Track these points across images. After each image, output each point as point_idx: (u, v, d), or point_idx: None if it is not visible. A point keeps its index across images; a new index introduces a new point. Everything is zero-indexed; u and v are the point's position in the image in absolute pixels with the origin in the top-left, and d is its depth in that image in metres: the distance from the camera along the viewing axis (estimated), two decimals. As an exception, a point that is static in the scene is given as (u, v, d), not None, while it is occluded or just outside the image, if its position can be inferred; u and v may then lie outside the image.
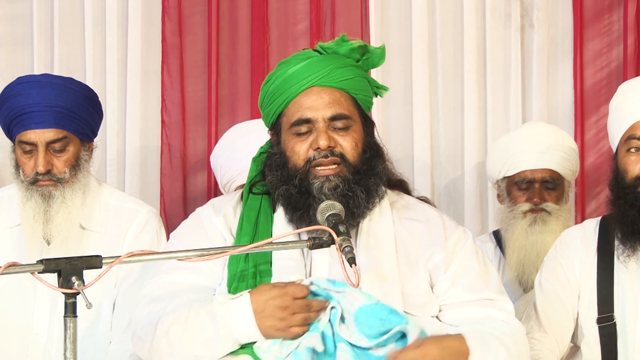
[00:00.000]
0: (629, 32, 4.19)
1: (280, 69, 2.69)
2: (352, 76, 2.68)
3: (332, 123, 2.63)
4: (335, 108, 2.63)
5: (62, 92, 3.11)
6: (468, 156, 4.22)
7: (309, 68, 2.64)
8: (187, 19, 4.31)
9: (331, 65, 2.65)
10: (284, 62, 2.71)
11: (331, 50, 2.69)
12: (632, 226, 2.94)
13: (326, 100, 2.63)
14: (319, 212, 2.48)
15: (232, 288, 2.59)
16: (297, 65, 2.65)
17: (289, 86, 2.65)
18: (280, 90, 2.67)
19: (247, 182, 2.78)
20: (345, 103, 2.66)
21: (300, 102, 2.64)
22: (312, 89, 2.64)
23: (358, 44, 2.70)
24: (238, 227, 2.68)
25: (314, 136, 2.62)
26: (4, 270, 2.18)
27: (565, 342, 3.08)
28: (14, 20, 4.35)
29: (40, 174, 3.08)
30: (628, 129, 2.98)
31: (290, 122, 2.65)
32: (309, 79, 2.64)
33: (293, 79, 2.65)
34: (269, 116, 2.74)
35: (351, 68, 2.68)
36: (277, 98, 2.68)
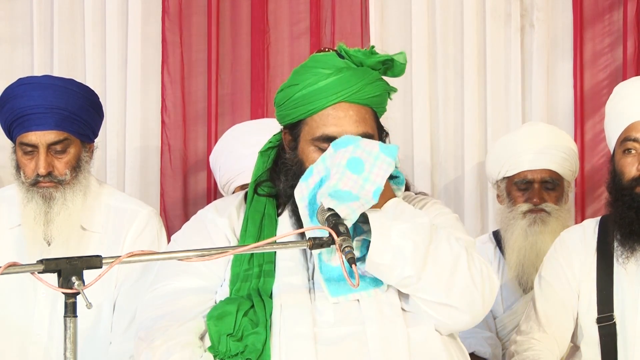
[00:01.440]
0: (629, 32, 4.19)
1: (310, 78, 2.63)
2: (379, 93, 2.67)
3: None
4: (362, 127, 2.61)
5: (63, 93, 3.10)
6: (468, 156, 4.22)
7: (340, 83, 2.61)
8: (187, 19, 4.31)
9: (362, 81, 2.62)
10: (313, 70, 2.65)
11: (357, 60, 2.65)
12: (630, 227, 2.94)
13: (353, 118, 2.61)
14: (319, 212, 2.48)
15: (234, 288, 2.60)
16: (328, 78, 2.61)
17: (317, 98, 2.61)
18: (307, 100, 2.63)
19: (252, 179, 2.76)
20: (369, 120, 2.65)
21: (327, 117, 2.61)
22: (341, 104, 2.61)
23: (385, 57, 2.67)
24: (242, 229, 2.67)
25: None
26: (4, 270, 2.18)
27: (565, 342, 3.08)
28: (13, 20, 4.34)
29: (41, 175, 3.09)
30: (624, 131, 2.98)
31: (314, 135, 2.62)
32: (339, 94, 2.61)
33: (323, 92, 2.61)
34: (286, 118, 2.70)
35: (378, 84, 2.67)
36: (302, 106, 2.64)
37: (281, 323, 2.52)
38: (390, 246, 2.46)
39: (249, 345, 2.49)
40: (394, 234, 2.47)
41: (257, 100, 4.24)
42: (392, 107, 4.21)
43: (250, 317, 2.53)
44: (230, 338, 2.51)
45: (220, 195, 4.00)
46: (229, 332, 2.52)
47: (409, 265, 2.47)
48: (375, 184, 2.50)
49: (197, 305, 2.62)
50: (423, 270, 2.48)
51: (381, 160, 2.53)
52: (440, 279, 2.49)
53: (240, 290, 2.58)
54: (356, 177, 2.50)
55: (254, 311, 2.54)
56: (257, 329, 2.51)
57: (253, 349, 2.48)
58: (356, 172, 2.50)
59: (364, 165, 2.51)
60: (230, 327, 2.52)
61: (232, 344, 2.50)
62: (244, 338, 2.51)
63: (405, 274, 2.48)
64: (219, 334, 2.52)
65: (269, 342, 2.50)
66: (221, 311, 2.55)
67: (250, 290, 2.58)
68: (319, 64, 2.66)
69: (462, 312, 2.53)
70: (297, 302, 2.55)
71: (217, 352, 2.51)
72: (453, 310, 2.52)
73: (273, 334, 2.51)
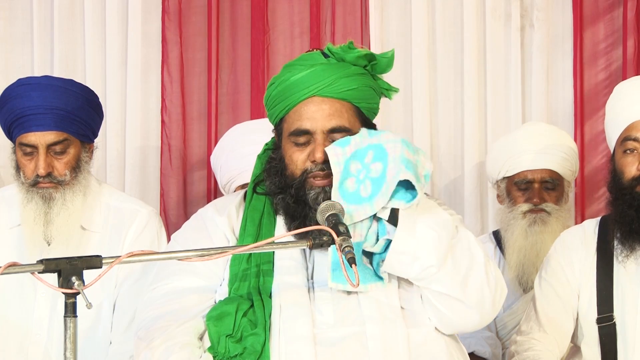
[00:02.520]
0: (629, 32, 4.19)
1: (285, 74, 2.66)
2: (356, 86, 2.65)
3: (331, 135, 2.61)
4: (335, 120, 2.61)
5: (62, 94, 3.10)
6: (468, 156, 4.22)
7: (311, 77, 2.62)
8: (187, 18, 4.31)
9: (335, 75, 2.62)
10: (289, 67, 2.68)
11: (338, 56, 2.66)
12: (630, 226, 2.94)
13: (326, 111, 2.61)
14: (319, 212, 2.48)
15: (233, 288, 2.59)
16: (300, 72, 2.63)
17: (290, 94, 2.64)
18: (282, 96, 2.65)
19: (251, 179, 2.78)
20: (346, 114, 2.64)
21: (300, 112, 2.63)
22: (313, 98, 2.62)
23: (364, 52, 2.66)
24: (241, 228, 2.68)
25: (312, 148, 2.61)
26: (4, 270, 2.18)
27: (565, 342, 3.08)
28: (13, 19, 4.34)
29: (40, 176, 3.08)
30: (624, 130, 2.98)
31: (290, 131, 2.64)
32: (310, 88, 2.62)
33: (295, 87, 2.63)
34: (273, 117, 2.74)
35: (356, 77, 2.65)
36: (279, 103, 2.67)
37: (280, 324, 2.52)
38: (415, 236, 2.48)
39: (248, 347, 2.49)
40: (419, 225, 2.49)
41: (257, 100, 4.24)
42: (392, 107, 4.26)
43: (249, 318, 2.53)
44: (230, 339, 2.51)
45: (221, 194, 4.00)
46: (228, 333, 2.52)
47: (433, 255, 2.48)
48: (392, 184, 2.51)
49: (197, 304, 2.61)
50: (444, 262, 2.50)
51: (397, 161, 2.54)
52: (458, 273, 2.51)
53: (239, 290, 2.58)
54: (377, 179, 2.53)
55: (253, 311, 2.54)
56: (257, 329, 2.50)
57: (252, 350, 2.48)
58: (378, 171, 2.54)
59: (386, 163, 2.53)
60: (230, 328, 2.52)
61: (231, 345, 2.50)
62: (243, 339, 2.51)
63: (427, 264, 2.49)
64: (218, 334, 2.52)
65: (269, 344, 2.49)
66: (220, 311, 2.55)
67: (249, 289, 2.58)
68: (298, 62, 2.68)
69: (472, 310, 2.55)
70: (296, 302, 2.55)
71: (217, 353, 2.51)
72: (464, 307, 2.54)
73: (272, 335, 2.51)
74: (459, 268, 2.52)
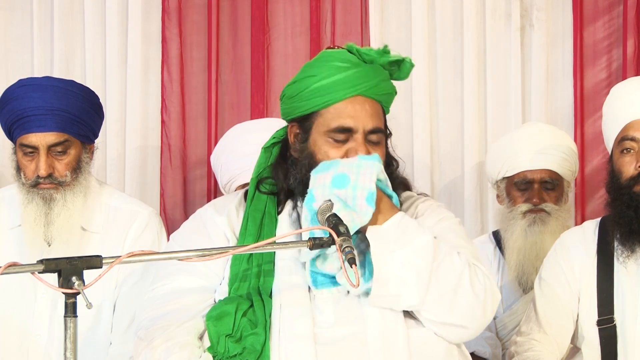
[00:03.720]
0: (629, 32, 4.19)
1: (328, 71, 2.63)
2: (391, 91, 2.70)
3: (369, 136, 2.62)
4: (375, 121, 2.63)
5: (63, 95, 3.10)
6: (468, 156, 4.22)
7: (359, 77, 2.62)
8: (187, 18, 4.31)
9: (378, 77, 2.65)
10: (329, 64, 2.65)
11: (369, 58, 2.66)
12: (629, 226, 2.94)
13: (369, 111, 2.62)
14: (319, 212, 2.48)
15: (233, 288, 2.59)
16: (347, 70, 2.62)
17: (335, 90, 2.62)
18: (325, 91, 2.62)
19: (254, 175, 2.75)
20: (382, 116, 2.68)
21: (343, 109, 2.62)
22: (357, 97, 2.62)
23: (397, 57, 2.69)
24: (242, 228, 2.67)
25: (351, 146, 2.60)
26: (4, 270, 2.18)
27: (565, 343, 3.08)
28: (13, 19, 4.34)
29: (41, 177, 3.08)
30: (621, 130, 2.99)
31: (329, 127, 2.61)
32: (357, 87, 2.62)
33: (342, 83, 2.61)
34: (297, 110, 2.68)
35: (389, 83, 2.70)
36: (319, 97, 2.63)
37: (280, 323, 2.52)
38: (393, 277, 2.48)
39: (247, 347, 2.48)
40: (396, 263, 2.48)
41: (257, 99, 4.24)
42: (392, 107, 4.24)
43: (249, 317, 2.53)
44: (229, 339, 2.51)
45: (221, 194, 4.00)
46: (228, 333, 2.52)
47: (413, 294, 2.48)
48: (365, 189, 2.50)
49: (196, 304, 2.61)
50: (426, 293, 2.49)
51: (364, 167, 2.54)
52: (443, 300, 2.51)
53: (239, 290, 2.58)
54: (344, 190, 2.50)
55: (253, 311, 2.54)
56: (256, 329, 2.50)
57: (252, 350, 2.48)
58: (342, 186, 2.51)
59: (348, 177, 2.52)
60: (229, 328, 2.52)
61: (230, 345, 2.50)
62: (242, 339, 2.51)
63: (410, 303, 2.50)
64: (218, 334, 2.52)
65: (269, 343, 2.49)
66: (220, 311, 2.55)
67: (249, 289, 2.58)
68: (334, 59, 2.67)
69: (465, 329, 2.56)
70: (296, 302, 2.55)
71: (216, 352, 2.51)
72: (456, 328, 2.54)
73: (272, 334, 2.51)
74: (444, 294, 2.50)
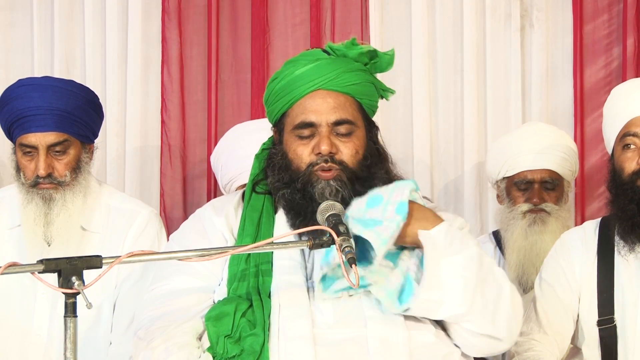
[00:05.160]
0: (628, 31, 4.19)
1: (288, 69, 2.68)
2: (359, 81, 2.67)
3: (335, 128, 2.62)
4: (339, 113, 2.63)
5: (63, 95, 3.10)
6: (468, 156, 4.22)
7: (316, 70, 2.63)
8: (187, 19, 4.31)
9: (339, 69, 2.64)
10: (292, 62, 2.70)
11: (340, 53, 2.68)
12: (631, 220, 2.94)
13: (331, 104, 2.63)
14: (319, 212, 2.48)
15: (232, 288, 2.59)
16: (305, 66, 2.64)
17: (295, 87, 2.65)
18: (286, 90, 2.66)
19: (249, 179, 2.77)
20: (349, 108, 2.65)
21: (305, 105, 2.64)
22: (318, 92, 2.64)
23: (367, 48, 2.69)
24: (240, 228, 2.68)
25: (316, 140, 2.62)
26: (4, 270, 2.18)
27: (565, 343, 3.08)
28: (13, 20, 4.34)
29: (41, 177, 3.08)
30: (623, 127, 2.99)
31: (294, 124, 2.64)
32: (315, 81, 2.63)
33: (300, 80, 2.64)
34: (273, 114, 2.74)
35: (359, 73, 2.68)
36: (282, 97, 2.67)
37: (280, 324, 2.51)
38: (440, 283, 2.47)
39: (247, 348, 2.48)
40: (444, 270, 2.47)
41: (257, 99, 4.24)
42: (392, 107, 4.26)
43: (248, 318, 2.53)
44: (228, 339, 2.51)
45: (221, 194, 4.00)
46: (227, 334, 2.52)
47: (458, 303, 2.48)
48: (396, 203, 2.50)
49: (195, 305, 2.61)
50: (472, 303, 2.49)
51: (398, 186, 2.55)
52: (487, 311, 2.51)
53: (238, 290, 2.58)
54: (376, 208, 2.51)
55: (252, 311, 2.54)
56: (255, 330, 2.50)
57: (251, 351, 2.47)
58: (376, 204, 2.52)
59: (382, 197, 2.53)
60: (228, 328, 2.52)
61: (229, 346, 2.50)
62: (241, 339, 2.51)
63: (452, 312, 2.49)
64: (217, 335, 2.52)
65: (268, 344, 2.49)
66: (219, 311, 2.55)
67: (248, 289, 2.58)
68: (301, 57, 2.70)
69: (501, 342, 2.56)
70: (295, 302, 2.55)
71: (215, 353, 2.51)
72: (495, 341, 2.55)
73: (272, 335, 2.50)
74: (487, 306, 2.50)
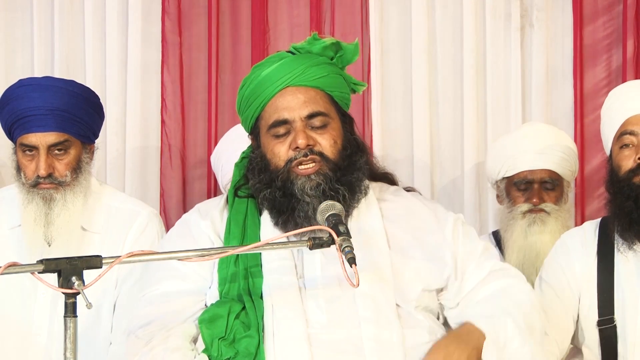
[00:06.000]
0: (628, 31, 4.19)
1: (254, 73, 2.69)
2: (326, 74, 2.68)
3: (309, 122, 2.63)
4: (311, 106, 2.64)
5: (63, 95, 3.10)
6: (468, 156, 4.22)
7: (282, 69, 2.65)
8: (187, 18, 4.31)
9: (304, 64, 2.65)
10: (258, 66, 2.72)
11: (304, 50, 2.69)
12: (629, 216, 2.95)
13: (301, 99, 2.64)
14: (319, 212, 2.48)
15: (223, 291, 2.59)
16: (270, 67, 2.66)
17: (264, 89, 2.66)
18: (255, 94, 2.67)
19: (231, 186, 2.79)
20: (321, 101, 2.66)
21: (277, 104, 2.65)
22: (287, 89, 2.65)
23: (330, 41, 2.71)
24: (226, 231, 2.68)
25: (292, 136, 2.62)
26: (4, 270, 2.19)
27: (565, 343, 3.08)
28: (14, 20, 4.35)
29: (41, 177, 3.08)
30: (620, 127, 3.01)
31: (268, 124, 2.65)
32: (282, 79, 2.64)
33: (267, 81, 2.65)
34: (247, 121, 2.75)
35: (324, 66, 2.68)
36: (253, 102, 2.68)
37: (274, 325, 2.51)
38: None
39: (241, 350, 2.48)
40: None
41: (257, 100, 4.24)
42: (392, 107, 4.26)
43: (242, 320, 2.53)
44: (222, 342, 2.51)
45: (221, 194, 4.00)
46: (221, 336, 2.51)
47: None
48: None
49: (186, 308, 2.62)
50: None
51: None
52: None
53: (229, 293, 2.58)
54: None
55: (246, 313, 2.54)
56: (250, 332, 2.50)
57: (246, 353, 2.47)
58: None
59: None
60: (222, 331, 2.52)
61: (224, 348, 2.50)
62: (236, 341, 2.51)
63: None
64: (211, 337, 2.52)
65: (263, 346, 2.49)
66: (212, 314, 2.55)
67: (239, 291, 2.58)
68: (266, 60, 2.72)
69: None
70: (288, 302, 2.55)
71: (210, 355, 2.51)
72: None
73: (266, 336, 2.50)
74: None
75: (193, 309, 2.61)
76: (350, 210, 2.65)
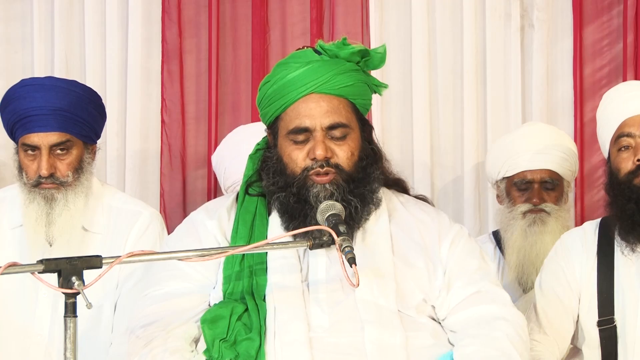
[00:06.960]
0: (628, 31, 4.19)
1: (280, 72, 2.66)
2: (352, 82, 2.66)
3: (329, 132, 2.61)
4: (333, 117, 2.61)
5: (65, 95, 3.10)
6: (468, 156, 4.22)
7: (309, 74, 2.62)
8: (187, 19, 4.31)
9: (331, 71, 2.62)
10: (284, 64, 2.68)
11: (331, 53, 2.65)
12: (631, 219, 2.94)
13: (325, 108, 2.61)
14: (319, 212, 2.48)
15: (227, 291, 2.59)
16: (297, 70, 2.62)
17: (287, 91, 2.63)
18: (279, 94, 2.64)
19: (243, 181, 2.77)
20: (343, 111, 2.64)
21: (299, 109, 2.62)
22: (311, 95, 2.62)
23: (359, 48, 2.67)
24: (233, 231, 2.67)
25: (311, 145, 2.60)
26: (5, 270, 2.19)
27: (565, 343, 3.08)
28: (13, 20, 4.34)
29: (43, 177, 3.08)
30: (616, 129, 3.00)
31: (288, 129, 2.63)
32: (308, 85, 2.62)
33: (292, 84, 2.62)
34: (266, 116, 2.73)
35: (351, 73, 2.66)
36: (275, 101, 2.66)
37: (276, 327, 2.51)
38: None
39: (242, 353, 2.47)
40: None
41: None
42: (392, 107, 4.26)
43: (244, 321, 2.52)
44: (223, 343, 2.50)
45: (221, 194, 4.00)
46: (223, 337, 2.51)
47: None
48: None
49: (188, 309, 2.61)
50: None
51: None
52: None
53: (233, 293, 2.57)
54: None
55: (248, 315, 2.53)
56: (251, 334, 2.49)
57: (246, 355, 2.47)
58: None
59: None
60: (224, 332, 2.52)
61: (224, 350, 2.49)
62: (237, 343, 2.50)
63: None
64: (213, 337, 2.52)
65: (264, 349, 2.48)
66: (215, 315, 2.55)
67: (243, 292, 2.57)
68: (292, 59, 2.68)
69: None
70: (290, 305, 2.54)
71: (211, 356, 2.51)
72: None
73: (268, 339, 2.50)
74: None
75: (196, 309, 2.61)
76: (360, 223, 2.63)
